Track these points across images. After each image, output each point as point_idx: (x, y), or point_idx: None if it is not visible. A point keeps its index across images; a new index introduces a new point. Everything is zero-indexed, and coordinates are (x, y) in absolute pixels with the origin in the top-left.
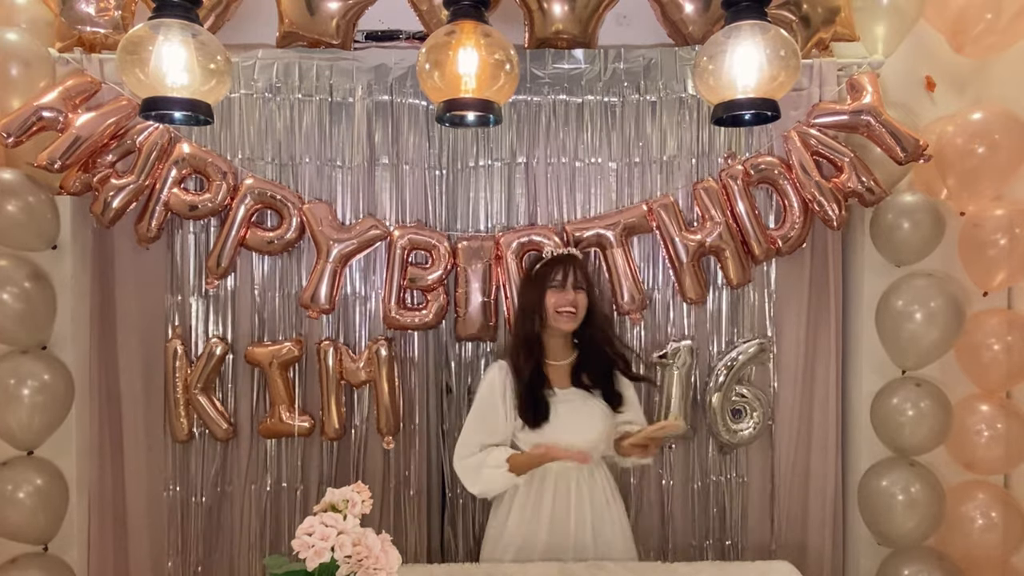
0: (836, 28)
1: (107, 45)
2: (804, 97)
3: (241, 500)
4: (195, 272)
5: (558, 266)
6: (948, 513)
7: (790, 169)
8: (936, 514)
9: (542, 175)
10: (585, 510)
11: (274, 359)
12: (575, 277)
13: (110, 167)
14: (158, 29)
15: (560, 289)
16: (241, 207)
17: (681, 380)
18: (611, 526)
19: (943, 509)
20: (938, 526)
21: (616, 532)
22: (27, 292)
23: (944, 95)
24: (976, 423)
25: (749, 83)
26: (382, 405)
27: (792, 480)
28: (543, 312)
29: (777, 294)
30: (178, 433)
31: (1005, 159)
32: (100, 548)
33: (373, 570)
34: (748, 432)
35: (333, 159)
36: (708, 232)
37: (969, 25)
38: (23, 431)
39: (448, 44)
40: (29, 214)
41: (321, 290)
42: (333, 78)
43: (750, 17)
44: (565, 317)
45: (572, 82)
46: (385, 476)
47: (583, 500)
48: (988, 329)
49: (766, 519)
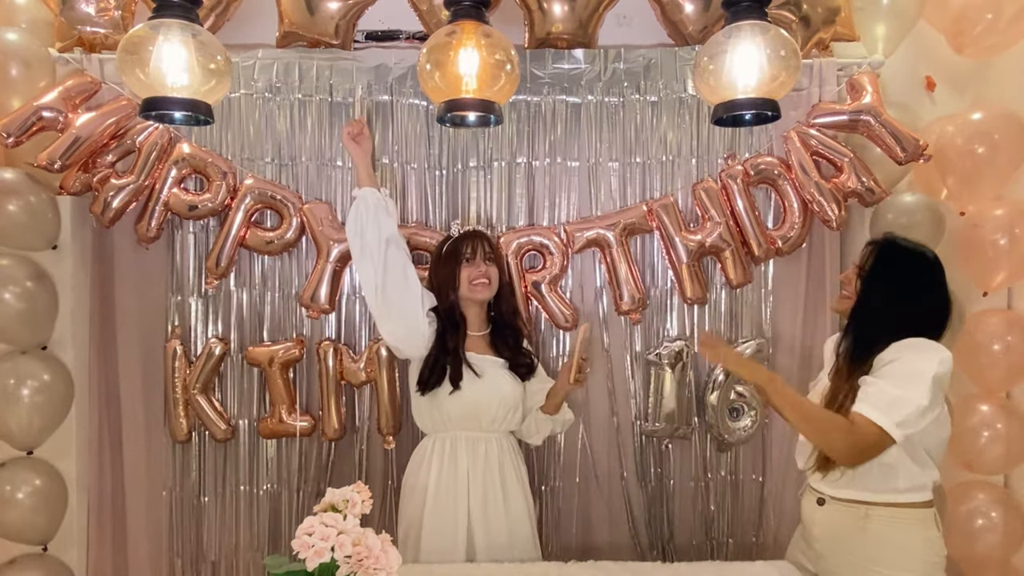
0: (836, 28)
1: (107, 45)
2: (804, 97)
3: (241, 500)
4: (195, 272)
5: (467, 241)
6: (948, 513)
7: (790, 169)
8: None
9: (542, 175)
10: (493, 468)
11: (274, 359)
12: (484, 250)
13: (110, 167)
14: (158, 29)
15: (472, 262)
16: (241, 207)
17: (674, 379)
18: (515, 496)
19: (943, 509)
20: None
21: (520, 505)
22: (29, 292)
23: (944, 95)
24: (976, 423)
25: (749, 83)
26: (382, 405)
27: (789, 478)
28: (457, 285)
29: (774, 294)
30: (177, 433)
31: (1005, 159)
32: (99, 548)
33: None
34: (746, 431)
35: (333, 159)
36: (708, 232)
37: (969, 25)
38: (23, 431)
39: (449, 44)
40: (30, 214)
41: (321, 290)
42: (333, 78)
43: (750, 17)
44: (479, 287)
45: (572, 82)
46: (385, 476)
47: (491, 460)
48: (988, 329)
49: (766, 518)
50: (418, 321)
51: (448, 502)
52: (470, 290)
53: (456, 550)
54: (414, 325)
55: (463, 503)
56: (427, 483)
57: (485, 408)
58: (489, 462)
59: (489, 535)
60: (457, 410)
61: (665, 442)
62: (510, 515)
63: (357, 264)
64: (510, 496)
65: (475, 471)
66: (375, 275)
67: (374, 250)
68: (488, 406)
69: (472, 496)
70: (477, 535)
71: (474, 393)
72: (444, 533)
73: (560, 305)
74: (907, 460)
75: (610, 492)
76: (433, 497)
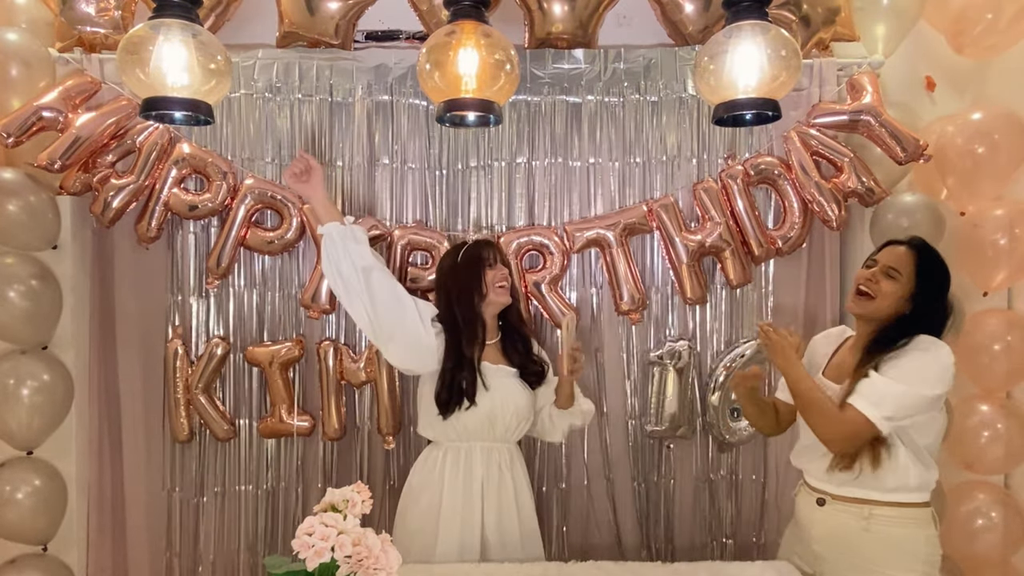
0: (836, 28)
1: (107, 45)
2: (804, 97)
3: (241, 500)
4: (195, 272)
5: (485, 247)
6: (948, 513)
7: (790, 169)
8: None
9: (542, 175)
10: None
11: (274, 359)
12: (500, 255)
13: (110, 167)
14: (158, 29)
15: (494, 266)
16: (241, 207)
17: (677, 380)
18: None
19: (942, 509)
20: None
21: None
22: (34, 291)
23: (944, 95)
24: (976, 423)
25: (750, 83)
26: (382, 405)
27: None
28: (484, 290)
29: (774, 294)
30: (179, 433)
31: (1005, 159)
32: (99, 548)
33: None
34: (747, 431)
35: (333, 159)
36: (708, 232)
37: (969, 25)
38: (23, 431)
39: (448, 44)
40: (30, 214)
41: (322, 290)
42: (333, 78)
43: (751, 17)
44: (502, 290)
45: (572, 82)
46: (385, 476)
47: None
48: (988, 329)
49: (767, 518)
50: (421, 337)
51: (464, 512)
52: (496, 292)
53: (471, 559)
54: (419, 342)
55: (478, 513)
56: (440, 492)
57: (500, 419)
58: (503, 471)
59: (504, 545)
60: (473, 423)
61: (667, 443)
62: (523, 522)
63: (345, 304)
64: (522, 504)
65: (490, 481)
66: (365, 310)
67: (355, 284)
68: (503, 417)
69: (486, 505)
70: (491, 543)
71: (491, 406)
72: (459, 543)
73: (560, 305)
74: (914, 459)
75: (610, 492)
76: (449, 507)
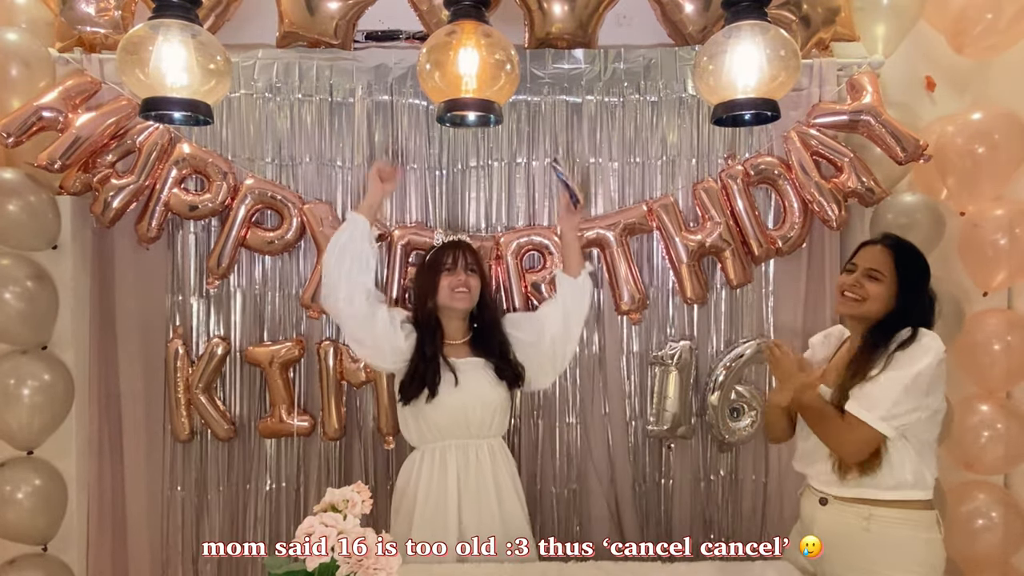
0: (836, 28)
1: (107, 45)
2: (804, 97)
3: (241, 500)
4: (195, 272)
5: (449, 251)
6: (948, 513)
7: (790, 169)
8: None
9: (542, 175)
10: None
11: (274, 359)
12: (466, 260)
13: (110, 167)
14: (158, 29)
15: (452, 272)
16: (241, 207)
17: (677, 380)
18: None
19: (943, 509)
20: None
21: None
22: (30, 292)
23: (944, 95)
24: (976, 423)
25: (749, 83)
26: (382, 405)
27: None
28: (436, 294)
29: (774, 294)
30: (179, 433)
31: (1005, 159)
32: (99, 549)
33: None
34: (747, 430)
35: (333, 159)
36: (708, 232)
37: (969, 25)
38: (23, 431)
39: (449, 44)
40: (30, 214)
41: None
42: (333, 78)
43: (750, 17)
44: (460, 296)
45: (572, 82)
46: (385, 476)
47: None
48: (988, 329)
49: (767, 518)
50: (391, 340)
51: (438, 513)
52: (450, 298)
53: (447, 558)
54: (388, 346)
55: (453, 513)
56: (415, 496)
57: (471, 412)
58: (481, 467)
59: (486, 545)
60: (442, 418)
61: (667, 443)
62: (505, 520)
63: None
64: (504, 501)
65: (466, 478)
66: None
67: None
68: (473, 409)
69: (464, 503)
70: (472, 542)
71: (456, 398)
72: (433, 542)
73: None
74: (911, 453)
75: (610, 492)
76: (422, 509)
